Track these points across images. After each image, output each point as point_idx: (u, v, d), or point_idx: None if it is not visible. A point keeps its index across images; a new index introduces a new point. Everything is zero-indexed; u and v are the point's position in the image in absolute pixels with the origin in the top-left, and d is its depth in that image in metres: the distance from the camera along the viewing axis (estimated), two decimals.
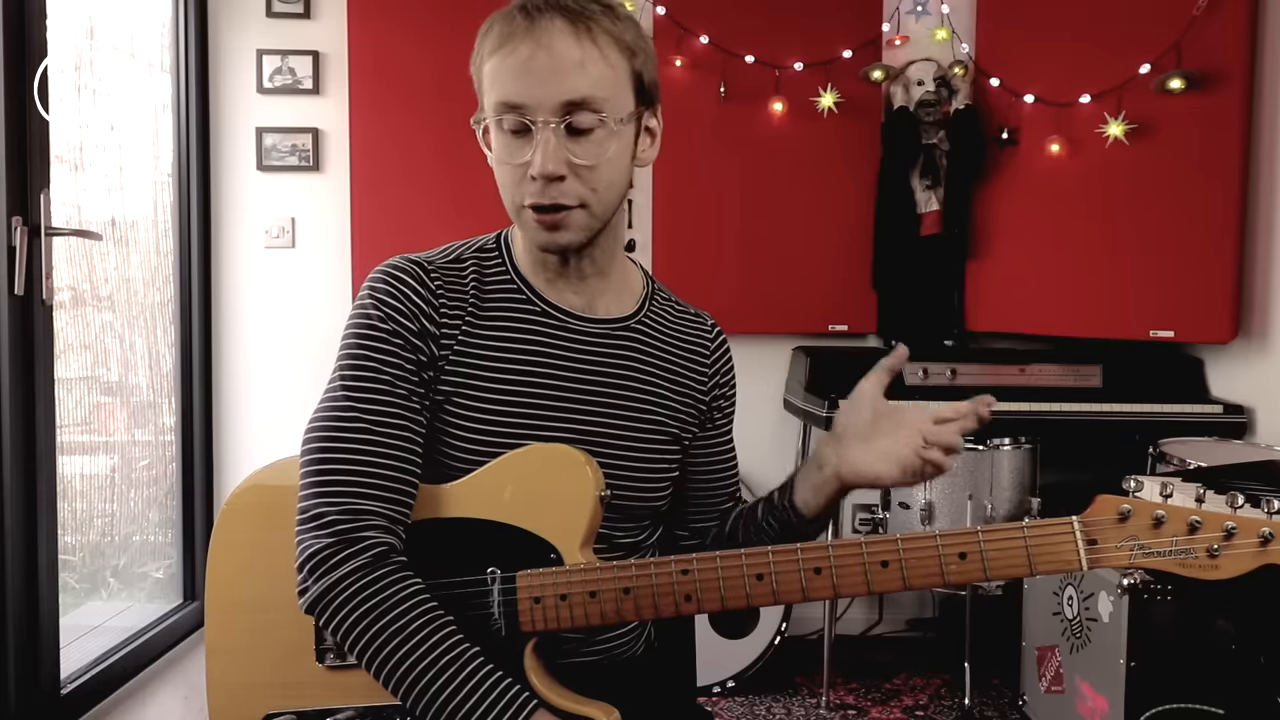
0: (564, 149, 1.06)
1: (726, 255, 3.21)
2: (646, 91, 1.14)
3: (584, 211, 1.10)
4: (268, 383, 3.19)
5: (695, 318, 1.32)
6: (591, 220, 1.11)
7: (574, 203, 1.09)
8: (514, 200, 1.11)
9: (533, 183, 1.07)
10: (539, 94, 1.05)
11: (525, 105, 1.06)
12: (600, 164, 1.08)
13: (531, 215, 1.09)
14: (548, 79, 1.05)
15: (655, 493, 1.22)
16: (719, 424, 1.32)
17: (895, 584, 1.01)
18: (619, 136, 1.10)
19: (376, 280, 1.13)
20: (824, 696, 2.84)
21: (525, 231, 1.14)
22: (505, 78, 1.07)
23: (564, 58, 1.05)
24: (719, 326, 1.34)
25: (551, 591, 1.05)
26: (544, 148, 1.05)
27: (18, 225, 1.96)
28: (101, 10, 2.55)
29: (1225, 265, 2.76)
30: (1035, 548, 0.99)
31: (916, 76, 3.16)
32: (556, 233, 1.10)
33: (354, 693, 1.12)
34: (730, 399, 1.34)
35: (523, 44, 1.05)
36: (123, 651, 2.50)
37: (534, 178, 1.06)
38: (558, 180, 1.07)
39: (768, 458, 3.34)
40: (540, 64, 1.05)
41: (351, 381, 1.09)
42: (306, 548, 1.04)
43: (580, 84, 1.05)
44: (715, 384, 1.30)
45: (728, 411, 1.34)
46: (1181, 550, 0.96)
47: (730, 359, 1.34)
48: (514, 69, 1.06)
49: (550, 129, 1.05)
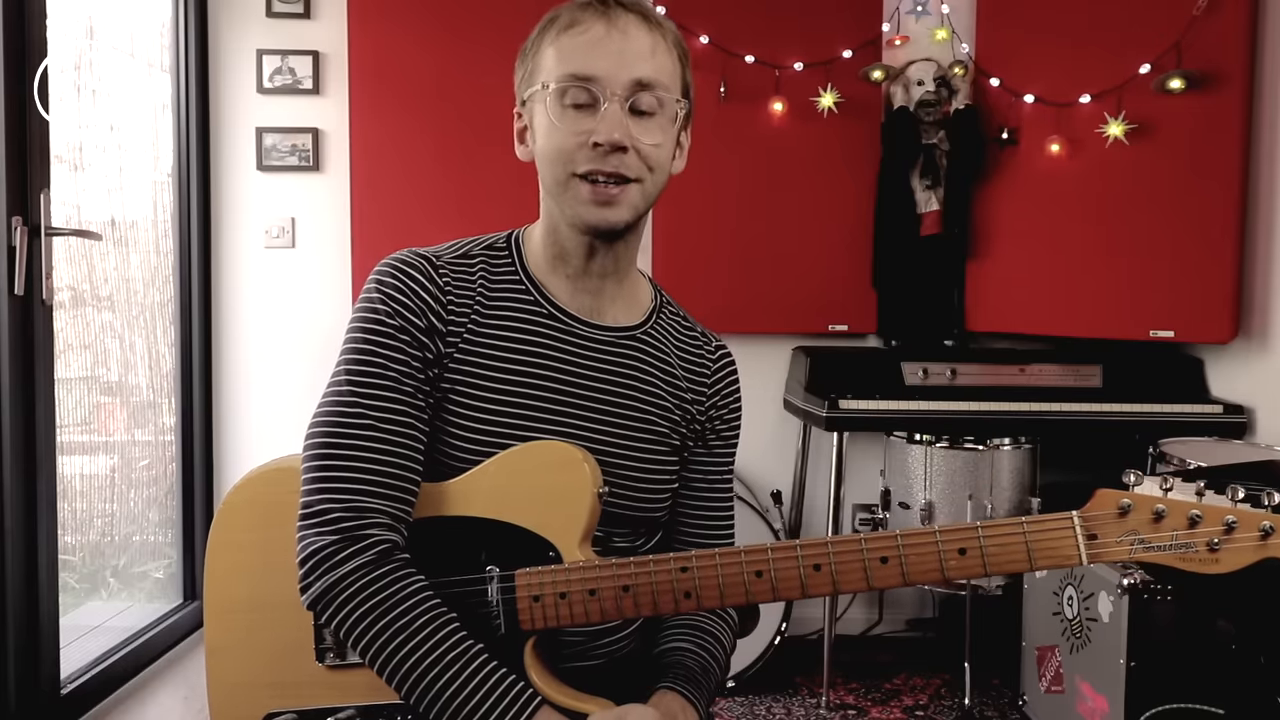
0: (628, 124, 1.09)
1: (726, 255, 3.22)
2: (689, 102, 1.18)
3: (638, 188, 1.11)
4: (268, 383, 3.19)
5: (701, 337, 1.30)
6: (641, 200, 1.13)
7: (633, 175, 1.10)
8: (565, 169, 1.10)
9: (593, 150, 1.08)
10: (611, 69, 1.08)
11: (597, 78, 1.08)
12: (660, 146, 1.12)
13: (585, 187, 1.09)
14: (621, 57, 1.08)
15: (654, 501, 1.21)
16: (712, 447, 1.29)
17: (895, 580, 1.01)
18: (670, 130, 1.14)
19: (384, 274, 1.12)
20: (824, 696, 2.84)
21: (569, 206, 1.12)
22: (576, 52, 1.09)
23: (638, 42, 1.10)
24: (725, 351, 1.32)
25: (551, 590, 1.05)
26: (612, 117, 1.08)
27: (18, 225, 1.96)
28: (101, 10, 2.55)
29: (1225, 265, 2.76)
30: (1035, 543, 0.99)
31: (916, 76, 3.16)
32: (608, 209, 1.10)
33: (354, 691, 1.12)
34: (729, 424, 1.30)
35: (597, 24, 1.09)
36: (123, 651, 2.50)
37: (597, 144, 1.08)
38: (620, 151, 1.08)
39: (768, 458, 3.34)
40: (615, 43, 1.09)
41: (357, 377, 1.09)
42: (309, 544, 1.04)
43: (649, 68, 1.10)
44: (714, 404, 1.28)
45: (725, 437, 1.30)
46: (1181, 544, 0.95)
47: (734, 387, 1.30)
48: (587, 44, 1.09)
49: (618, 101, 1.08)
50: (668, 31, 1.13)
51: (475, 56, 3.07)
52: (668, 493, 1.24)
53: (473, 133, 3.06)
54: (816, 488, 3.33)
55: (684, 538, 1.28)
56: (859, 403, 2.80)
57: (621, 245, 1.18)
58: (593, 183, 1.09)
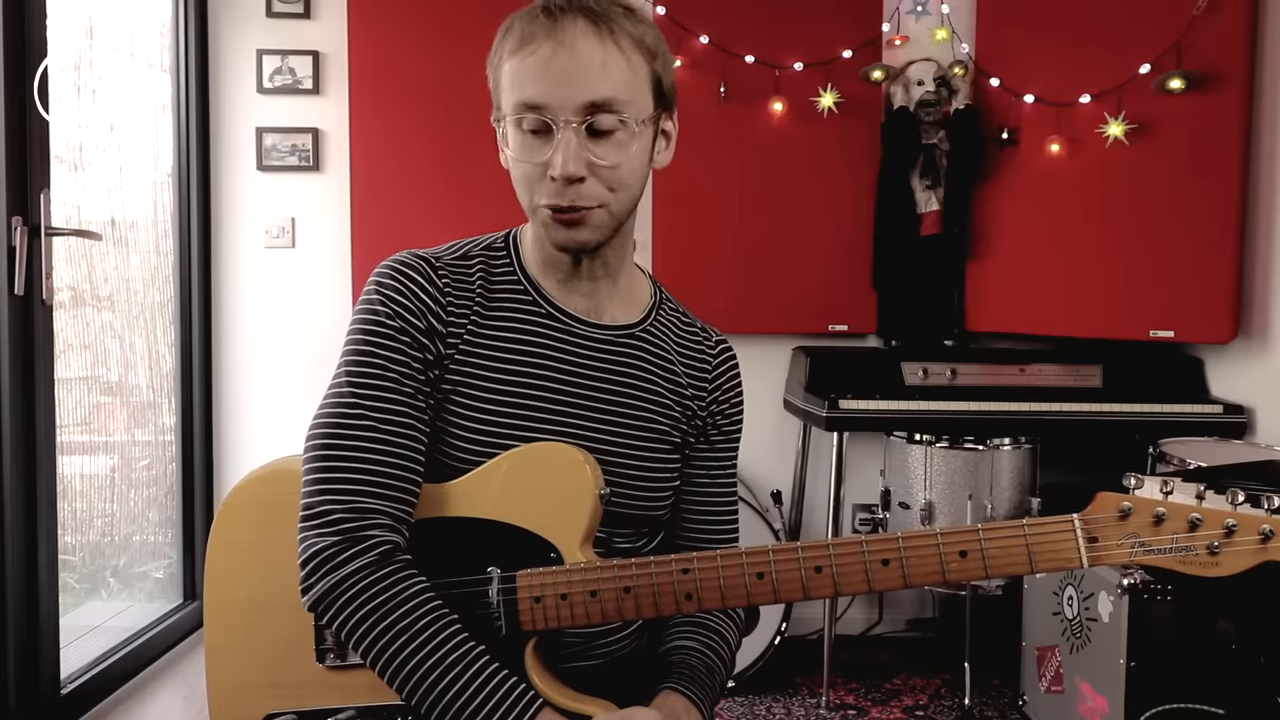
0: (585, 150, 1.06)
1: (726, 255, 3.22)
2: (665, 95, 1.14)
3: (603, 211, 1.10)
4: (268, 383, 3.19)
5: (701, 332, 1.30)
6: (609, 220, 1.11)
7: (593, 204, 1.08)
8: (531, 199, 1.10)
9: (551, 183, 1.07)
10: (561, 94, 1.05)
11: (547, 105, 1.05)
12: (620, 165, 1.08)
13: (547, 214, 1.09)
14: (570, 80, 1.04)
15: (656, 500, 1.21)
16: (714, 442, 1.29)
17: (896, 582, 1.01)
18: (639, 138, 1.10)
19: (384, 275, 1.12)
20: (824, 696, 2.84)
21: (541, 230, 1.13)
22: (526, 78, 1.06)
23: (587, 59, 1.05)
24: (726, 345, 1.31)
25: (552, 591, 1.05)
26: (565, 148, 1.05)
27: (18, 225, 1.96)
28: (101, 10, 2.55)
29: (1225, 265, 2.76)
30: (1036, 545, 0.99)
31: (916, 76, 3.16)
32: (574, 230, 1.10)
33: (354, 692, 1.12)
34: (732, 419, 1.30)
35: (544, 44, 1.05)
36: (123, 651, 2.50)
37: (553, 178, 1.06)
38: (577, 181, 1.07)
39: (768, 458, 3.34)
40: (562, 64, 1.04)
41: (357, 378, 1.09)
42: (310, 546, 1.04)
43: (602, 86, 1.05)
44: (715, 399, 1.27)
45: (727, 432, 1.30)
46: (1182, 547, 0.96)
47: (736, 381, 1.30)
48: (535, 69, 1.05)
49: (571, 129, 1.05)
50: (622, 33, 1.07)
51: (475, 57, 3.01)
52: (669, 491, 1.24)
53: (473, 133, 3.05)
54: (816, 488, 3.33)
55: (688, 534, 1.28)
56: (859, 403, 2.80)
57: (606, 250, 1.16)
58: (555, 210, 1.09)
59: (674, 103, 1.17)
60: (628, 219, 1.15)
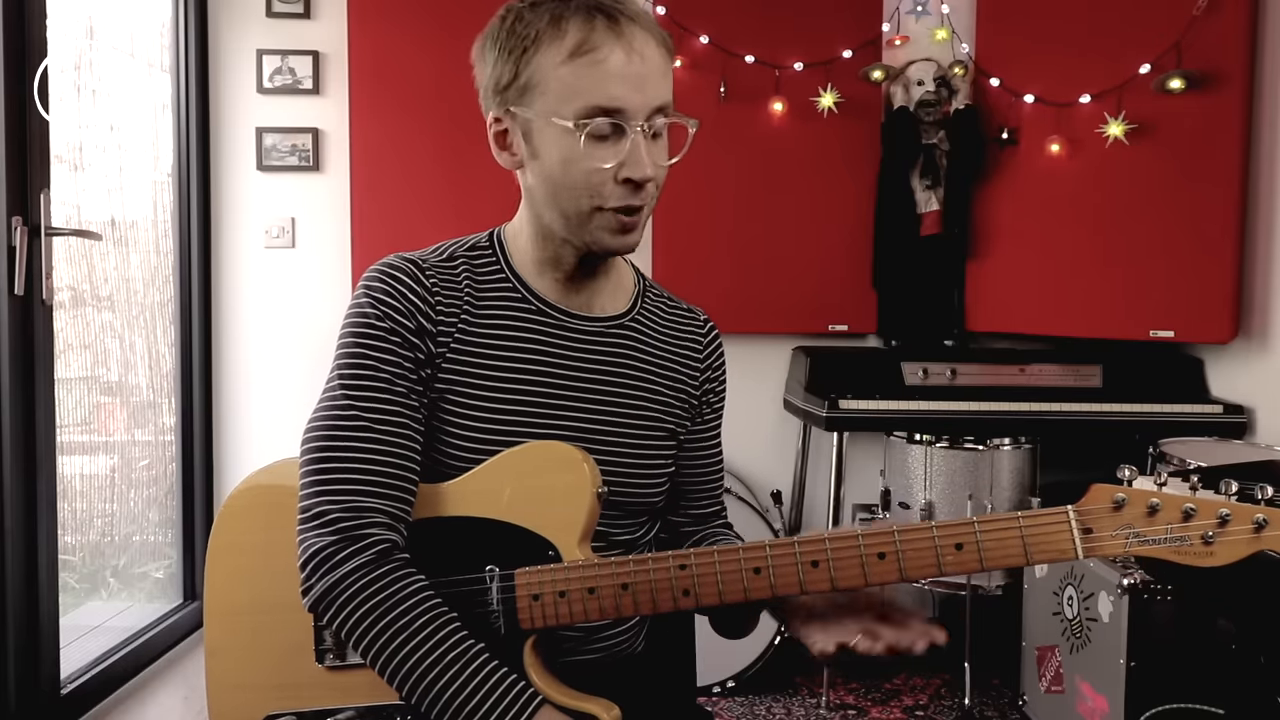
0: (653, 152, 1.09)
1: (726, 255, 3.22)
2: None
3: (648, 212, 1.13)
4: (268, 383, 3.20)
5: (688, 313, 1.32)
6: (647, 221, 1.15)
7: (651, 204, 1.12)
8: (590, 202, 1.09)
9: (623, 186, 1.08)
10: (636, 99, 1.06)
11: (624, 110, 1.06)
12: (665, 167, 1.12)
13: (613, 218, 1.10)
14: (643, 83, 1.07)
15: (652, 489, 1.22)
16: (707, 419, 1.32)
17: (892, 575, 1.01)
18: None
19: (372, 279, 1.13)
20: (824, 696, 2.84)
21: (589, 233, 1.11)
22: (599, 81, 1.05)
23: (653, 64, 1.08)
24: (712, 322, 1.34)
25: (550, 589, 1.05)
26: (643, 152, 1.07)
27: (18, 225, 1.96)
28: (101, 10, 2.56)
29: (1225, 265, 2.76)
30: (1031, 537, 0.99)
31: (916, 76, 3.16)
32: (629, 235, 1.12)
33: (354, 693, 1.12)
34: (720, 395, 1.34)
35: (615, 48, 1.05)
36: (123, 651, 2.50)
37: (631, 180, 1.07)
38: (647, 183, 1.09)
39: (768, 458, 3.34)
40: (636, 69, 1.06)
41: (350, 380, 1.09)
42: (309, 546, 1.04)
43: (664, 90, 1.10)
44: (706, 379, 1.30)
45: (717, 408, 1.34)
46: (1176, 537, 0.96)
47: (723, 356, 1.34)
48: (610, 74, 1.05)
49: (640, 131, 1.07)
50: (664, 40, 1.11)
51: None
52: (665, 477, 1.25)
53: (473, 133, 3.01)
54: (816, 488, 3.33)
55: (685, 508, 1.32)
56: (859, 403, 2.80)
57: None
58: (625, 214, 1.10)
59: None
60: None
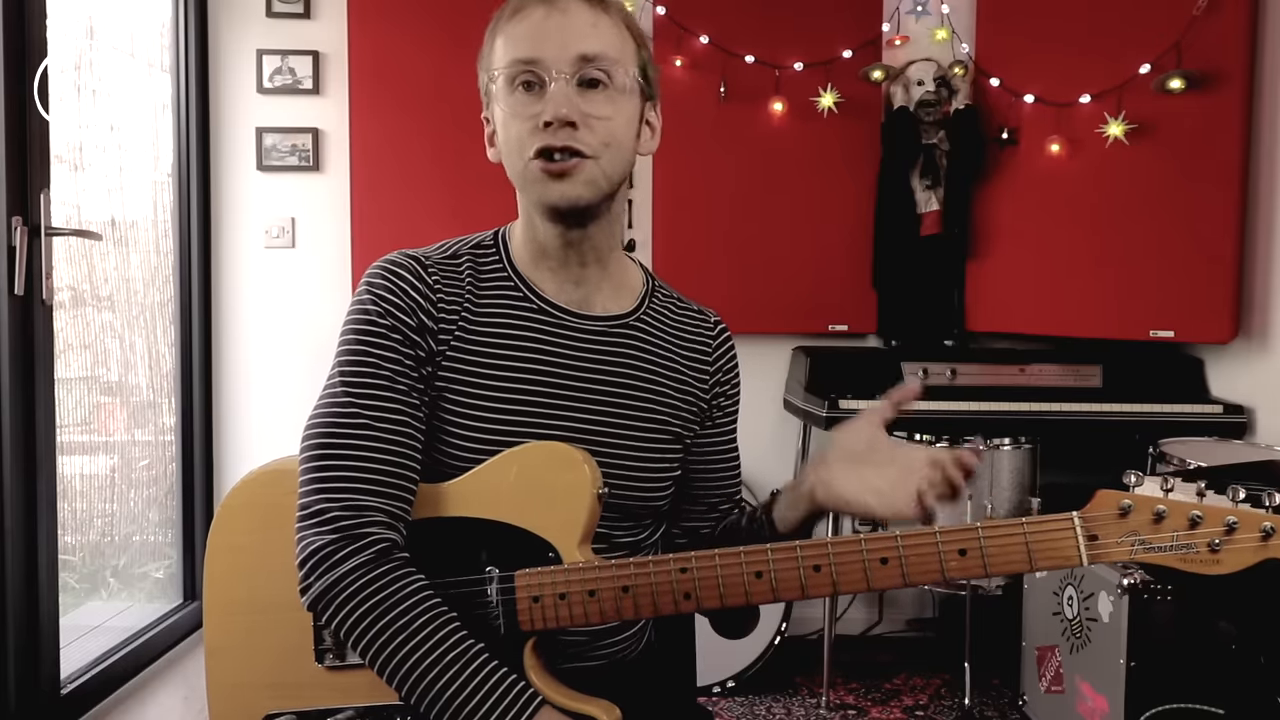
0: (577, 100, 1.08)
1: (726, 255, 3.21)
2: (650, 83, 1.17)
3: (593, 164, 1.10)
4: (268, 383, 3.19)
5: (698, 315, 1.31)
6: (599, 177, 1.11)
7: (586, 150, 1.09)
8: (522, 155, 1.10)
9: (544, 130, 1.08)
10: (553, 48, 1.08)
11: (540, 59, 1.08)
12: (612, 118, 1.10)
13: (539, 166, 1.09)
14: (561, 35, 1.08)
15: (656, 492, 1.22)
16: (719, 422, 1.31)
17: (895, 580, 1.01)
18: (626, 103, 1.13)
19: (374, 276, 1.13)
20: (824, 696, 2.84)
21: (532, 190, 1.12)
22: (520, 38, 1.10)
23: (578, 18, 1.10)
24: (723, 324, 1.33)
25: (550, 590, 1.05)
26: (556, 94, 1.08)
27: (18, 225, 1.96)
28: (101, 10, 2.55)
29: (1225, 265, 2.76)
30: (1035, 543, 0.99)
31: (916, 76, 3.16)
32: (566, 182, 1.09)
33: (353, 692, 1.12)
34: (732, 398, 1.32)
35: (536, 9, 1.10)
36: (123, 651, 2.50)
37: (547, 123, 1.07)
38: (570, 126, 1.08)
39: (768, 458, 3.34)
40: (555, 23, 1.09)
41: (351, 377, 1.09)
42: (308, 544, 1.04)
43: (593, 41, 1.09)
44: (716, 381, 1.29)
45: (729, 410, 1.32)
46: (1182, 545, 0.95)
47: (734, 358, 1.32)
48: (528, 29, 1.09)
49: (564, 79, 1.08)
50: (612, 8, 1.12)
51: (475, 56, 3.06)
52: (669, 481, 1.24)
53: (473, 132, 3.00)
54: None
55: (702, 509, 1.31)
56: (859, 403, 2.80)
57: (595, 230, 1.16)
58: (547, 159, 1.09)
59: (657, 96, 1.20)
60: (617, 190, 1.15)
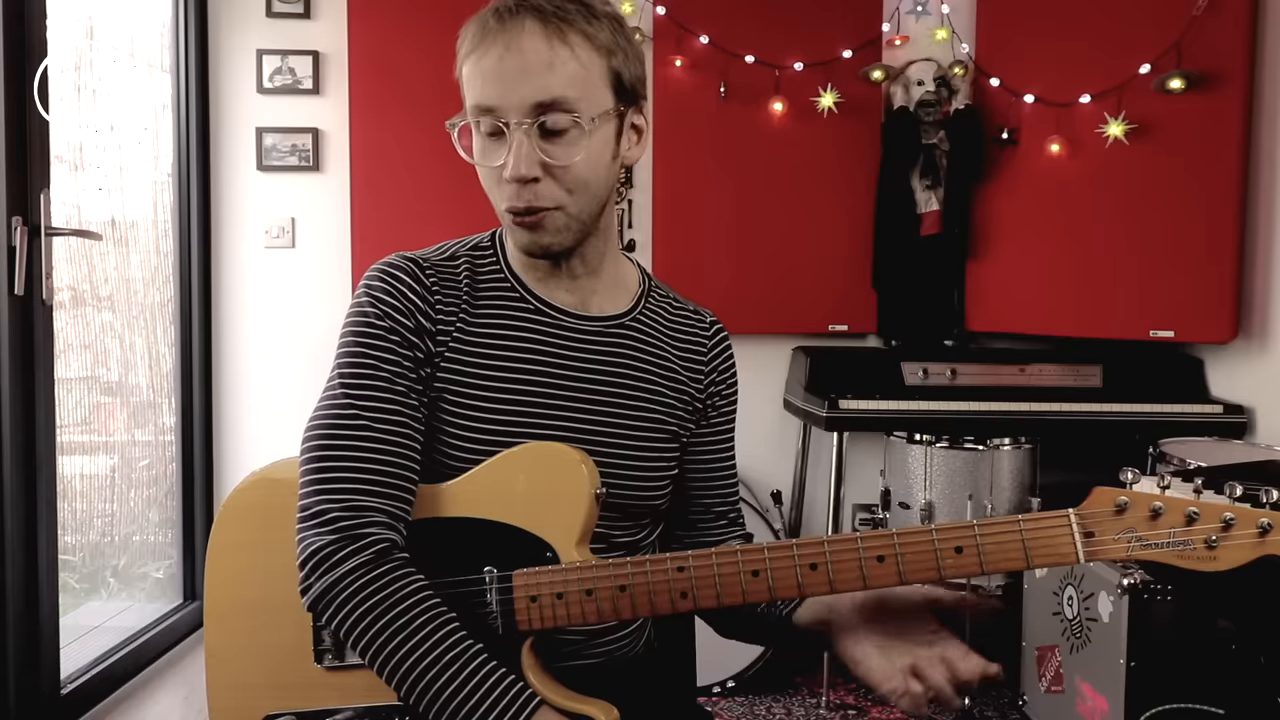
0: (536, 151, 1.06)
1: (726, 255, 3.21)
2: (627, 90, 1.12)
3: (561, 213, 1.09)
4: (268, 383, 3.19)
5: (694, 314, 1.31)
6: (570, 221, 1.11)
7: (550, 205, 1.08)
8: (496, 204, 1.13)
9: (509, 185, 1.08)
10: (510, 96, 1.05)
11: (498, 108, 1.06)
12: (575, 165, 1.08)
13: (510, 218, 1.11)
14: (518, 80, 1.05)
15: (654, 491, 1.22)
16: (714, 422, 1.30)
17: (891, 579, 1.01)
18: (595, 136, 1.09)
19: (372, 278, 1.13)
20: (824, 696, 2.84)
21: (509, 233, 1.15)
22: (478, 81, 1.08)
23: (533, 59, 1.05)
24: (719, 324, 1.33)
25: (548, 590, 1.05)
26: (516, 150, 1.06)
27: (18, 225, 1.96)
28: (101, 10, 2.55)
29: (1225, 265, 2.75)
30: (1032, 541, 0.98)
31: (916, 76, 3.16)
32: (536, 233, 1.10)
33: (353, 693, 1.12)
34: (728, 399, 1.32)
35: (494, 46, 1.06)
36: (123, 651, 2.50)
37: (509, 180, 1.07)
38: (532, 182, 1.07)
39: (768, 458, 3.34)
40: (510, 66, 1.05)
41: (350, 379, 1.09)
42: (308, 545, 1.04)
43: (551, 84, 1.05)
44: (711, 381, 1.29)
45: (725, 411, 1.31)
46: (1179, 542, 0.95)
47: (730, 359, 1.32)
48: (486, 72, 1.07)
49: (522, 130, 1.05)
50: (572, 30, 1.06)
51: None
52: (667, 481, 1.24)
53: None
54: (816, 488, 3.33)
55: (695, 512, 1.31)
56: (859, 403, 2.80)
57: (585, 248, 1.17)
58: (514, 214, 1.09)
59: (640, 95, 1.15)
60: (599, 218, 1.15)
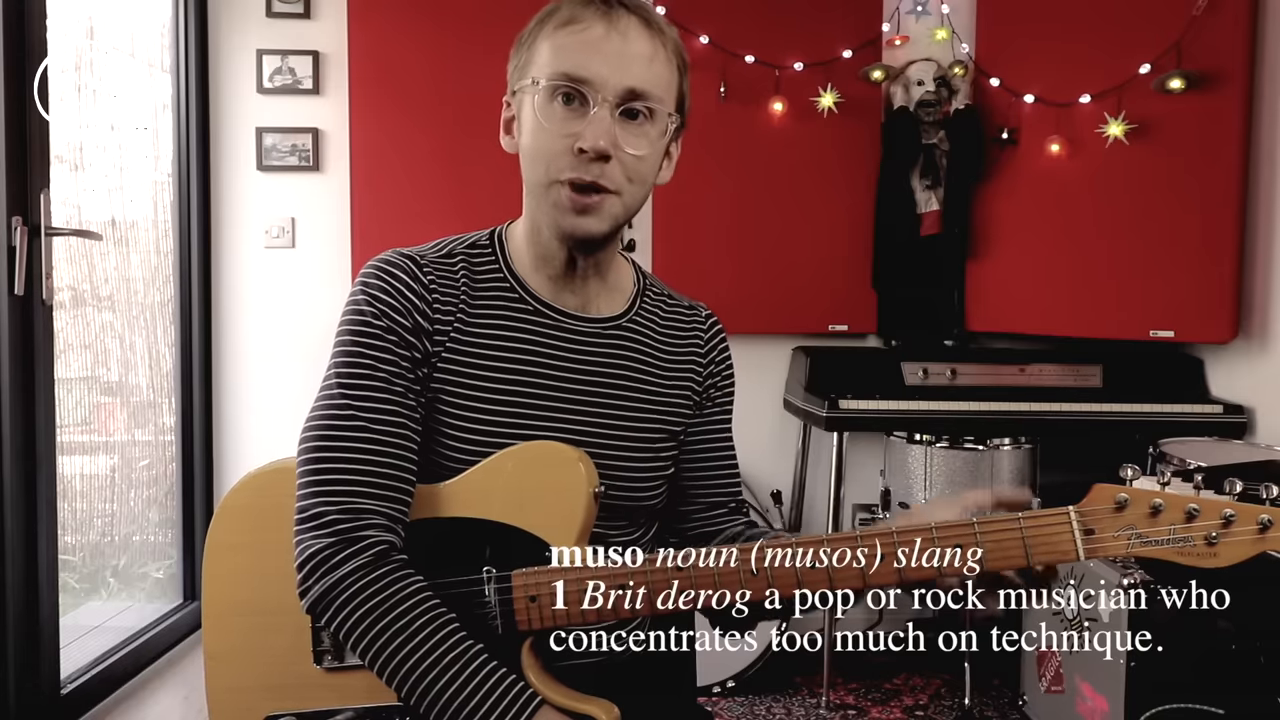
0: (615, 130, 1.07)
1: (726, 255, 3.21)
2: (684, 112, 1.16)
3: (617, 200, 1.09)
4: (268, 383, 3.19)
5: (689, 310, 1.31)
6: (621, 212, 1.11)
7: (611, 187, 1.08)
8: (548, 173, 1.09)
9: (577, 157, 1.06)
10: (606, 72, 1.06)
11: (590, 80, 1.06)
12: (644, 157, 1.09)
13: (566, 193, 1.08)
14: (618, 61, 1.06)
15: (649, 491, 1.22)
16: (709, 413, 1.30)
17: (891, 577, 1.01)
18: (658, 142, 1.12)
19: (369, 275, 1.12)
20: (824, 696, 2.84)
21: (551, 212, 1.11)
22: (573, 51, 1.07)
23: (637, 47, 1.07)
24: (715, 318, 1.33)
25: (547, 590, 1.05)
26: (599, 123, 1.06)
27: (18, 225, 1.96)
28: (101, 10, 2.56)
29: (1225, 265, 2.75)
30: (1032, 538, 0.98)
31: (916, 76, 3.16)
32: (585, 217, 1.09)
33: (352, 694, 1.12)
34: (725, 390, 1.32)
35: (598, 23, 1.07)
36: (123, 651, 2.51)
37: (582, 150, 1.06)
38: (601, 160, 1.07)
39: (768, 458, 3.34)
40: (614, 46, 1.07)
41: (347, 379, 1.09)
42: (306, 548, 1.04)
43: (645, 75, 1.08)
44: (710, 372, 1.29)
45: (722, 403, 1.32)
46: (1179, 538, 0.95)
47: (727, 351, 1.32)
48: (584, 43, 1.07)
49: (608, 107, 1.06)
50: (669, 39, 1.11)
51: (475, 56, 3.07)
52: (663, 480, 1.24)
53: (473, 132, 3.05)
54: (816, 488, 3.33)
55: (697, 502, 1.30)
56: (859, 403, 2.80)
57: (603, 252, 1.17)
58: (575, 190, 1.08)
59: (685, 124, 1.18)
60: (626, 221, 1.15)
